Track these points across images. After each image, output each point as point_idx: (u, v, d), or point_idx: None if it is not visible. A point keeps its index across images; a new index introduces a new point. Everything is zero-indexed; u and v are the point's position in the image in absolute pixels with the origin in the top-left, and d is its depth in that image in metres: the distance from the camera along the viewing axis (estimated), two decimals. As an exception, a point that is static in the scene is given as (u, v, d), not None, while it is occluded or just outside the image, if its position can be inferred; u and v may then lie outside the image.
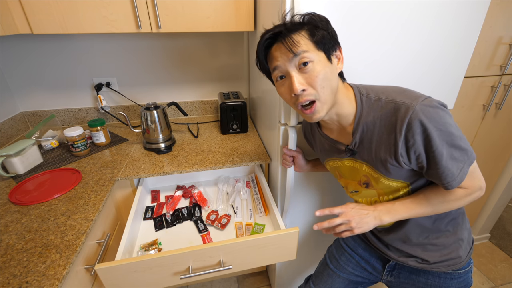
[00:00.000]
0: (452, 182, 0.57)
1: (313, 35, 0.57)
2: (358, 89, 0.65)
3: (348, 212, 0.65)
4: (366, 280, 0.88)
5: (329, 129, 0.72)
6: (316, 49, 0.58)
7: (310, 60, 0.57)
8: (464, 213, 0.73)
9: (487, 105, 1.28)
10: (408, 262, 0.73)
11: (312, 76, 0.57)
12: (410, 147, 0.57)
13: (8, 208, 0.84)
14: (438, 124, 0.54)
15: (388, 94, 0.60)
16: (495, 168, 1.53)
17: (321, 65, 0.57)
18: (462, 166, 0.57)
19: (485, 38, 1.12)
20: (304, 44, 0.57)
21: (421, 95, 0.57)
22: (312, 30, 0.57)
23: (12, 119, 1.30)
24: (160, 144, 1.20)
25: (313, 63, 0.57)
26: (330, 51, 0.59)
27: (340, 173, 0.76)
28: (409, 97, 0.57)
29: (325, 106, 0.60)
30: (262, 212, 1.05)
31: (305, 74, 0.58)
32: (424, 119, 0.53)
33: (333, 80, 0.59)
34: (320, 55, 0.58)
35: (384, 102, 0.60)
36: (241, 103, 1.32)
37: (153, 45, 1.39)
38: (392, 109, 0.58)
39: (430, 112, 0.54)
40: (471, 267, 0.74)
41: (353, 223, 0.63)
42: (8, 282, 0.61)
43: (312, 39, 0.57)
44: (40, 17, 0.96)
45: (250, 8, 1.11)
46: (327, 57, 0.59)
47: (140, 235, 0.95)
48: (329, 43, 0.59)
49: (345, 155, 0.70)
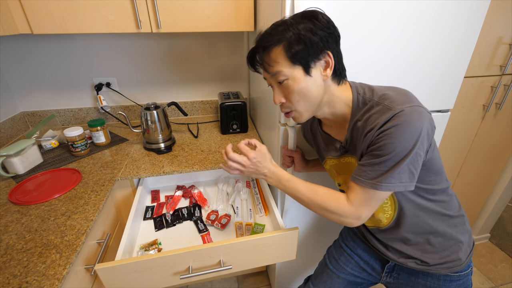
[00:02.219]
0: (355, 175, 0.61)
1: (288, 51, 0.57)
2: (356, 89, 0.65)
3: (250, 156, 0.67)
4: (365, 280, 0.88)
5: (329, 127, 0.74)
6: (292, 65, 0.58)
7: (285, 77, 0.60)
8: (464, 215, 0.73)
9: (487, 105, 1.28)
10: (407, 263, 0.73)
11: (287, 92, 0.62)
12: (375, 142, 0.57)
13: (8, 208, 0.84)
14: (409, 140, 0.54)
15: (381, 96, 0.60)
16: (495, 168, 1.53)
17: (296, 81, 0.60)
18: (364, 181, 0.58)
19: (485, 38, 1.12)
20: (279, 63, 0.59)
21: (412, 102, 0.56)
22: (289, 46, 0.57)
23: (12, 119, 1.30)
24: (160, 144, 1.20)
25: (288, 80, 0.60)
26: (310, 63, 0.58)
27: (338, 170, 0.77)
28: (399, 102, 0.56)
29: (303, 114, 0.65)
30: (262, 212, 1.05)
31: (283, 89, 0.62)
32: (405, 125, 0.53)
33: (312, 92, 0.61)
34: (296, 70, 0.59)
35: (375, 103, 0.60)
36: (241, 103, 1.32)
37: (153, 45, 1.39)
38: (379, 110, 0.58)
39: (410, 121, 0.53)
40: (471, 270, 0.74)
41: (246, 170, 0.69)
42: (8, 282, 0.61)
43: (287, 55, 0.57)
44: (40, 17, 0.96)
45: (250, 8, 1.11)
46: (305, 71, 0.59)
47: (140, 235, 0.95)
48: (308, 56, 0.57)
49: (340, 153, 0.71)
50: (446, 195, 0.69)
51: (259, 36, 0.62)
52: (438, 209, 0.68)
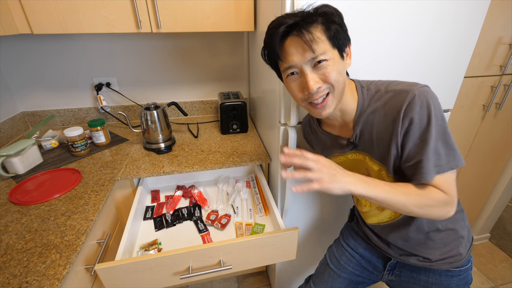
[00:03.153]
0: (425, 175, 0.56)
1: (328, 30, 0.55)
2: (359, 83, 0.66)
3: (322, 161, 0.56)
4: (367, 279, 0.88)
5: (331, 126, 0.74)
6: (332, 47, 0.57)
7: (327, 58, 0.56)
8: (463, 210, 0.74)
9: (487, 105, 1.28)
10: (409, 260, 0.73)
11: (326, 73, 0.57)
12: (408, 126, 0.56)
13: (8, 208, 0.84)
14: (438, 111, 0.55)
15: (388, 85, 0.62)
16: (495, 168, 1.53)
17: (335, 63, 0.57)
18: (441, 165, 0.55)
19: (485, 38, 1.12)
20: (321, 42, 0.55)
21: (419, 83, 0.59)
22: (328, 24, 0.55)
23: (12, 119, 1.30)
24: (160, 144, 1.20)
25: (328, 62, 0.56)
26: (344, 47, 0.59)
27: (345, 167, 0.75)
28: (409, 85, 0.59)
29: (335, 101, 0.61)
30: (262, 212, 1.05)
31: (319, 71, 0.57)
32: (427, 98, 0.55)
33: (344, 76, 0.60)
34: (335, 52, 0.58)
35: (384, 92, 0.61)
36: (241, 103, 1.32)
37: (153, 45, 1.39)
38: (392, 96, 0.59)
39: (431, 95, 0.56)
40: (471, 264, 0.75)
41: (325, 175, 0.53)
42: (8, 282, 0.61)
43: (327, 35, 0.55)
44: (40, 17, 0.96)
45: (250, 8, 1.11)
46: (340, 54, 0.59)
47: (140, 235, 0.95)
48: (343, 40, 0.58)
49: (347, 149, 0.70)
50: None
51: (299, 12, 0.56)
52: None
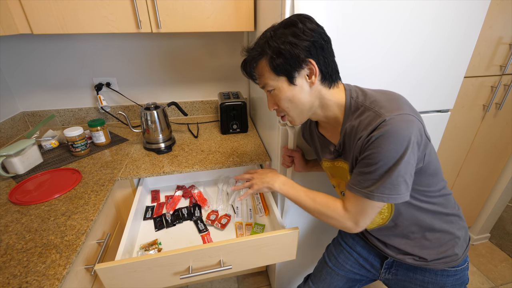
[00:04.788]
0: (347, 186, 0.63)
1: (271, 64, 0.60)
2: (350, 92, 0.64)
3: (259, 172, 0.81)
4: (364, 277, 0.89)
5: (325, 128, 0.75)
6: (276, 76, 0.61)
7: (272, 88, 0.64)
8: (460, 212, 0.74)
9: (487, 105, 1.28)
10: (406, 259, 0.74)
11: (277, 100, 0.65)
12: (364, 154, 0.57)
13: (8, 208, 0.84)
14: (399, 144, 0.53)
15: (374, 101, 0.59)
16: (495, 168, 1.53)
17: (282, 91, 0.63)
18: (361, 188, 0.59)
19: (485, 38, 1.12)
20: (264, 75, 0.63)
21: (402, 109, 0.55)
22: (271, 59, 0.59)
23: (12, 119, 1.30)
24: (160, 144, 1.20)
25: (275, 90, 0.64)
26: (292, 73, 0.59)
27: (332, 173, 0.78)
28: (390, 108, 0.56)
29: (296, 119, 0.68)
30: (262, 212, 1.05)
31: (273, 97, 0.66)
32: (394, 130, 0.52)
33: (300, 99, 0.63)
34: (281, 80, 0.61)
35: (366, 108, 0.59)
36: (241, 103, 1.32)
37: (153, 45, 1.39)
38: (369, 116, 0.58)
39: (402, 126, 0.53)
40: (467, 265, 0.75)
41: (256, 180, 0.77)
42: (8, 282, 0.61)
43: (271, 66, 0.60)
44: (40, 17, 0.96)
45: (250, 8, 1.11)
46: (289, 81, 0.61)
47: (140, 235, 0.95)
48: (290, 67, 0.59)
49: (334, 156, 0.72)
50: (442, 195, 0.69)
51: (246, 50, 0.65)
52: (435, 208, 0.69)
